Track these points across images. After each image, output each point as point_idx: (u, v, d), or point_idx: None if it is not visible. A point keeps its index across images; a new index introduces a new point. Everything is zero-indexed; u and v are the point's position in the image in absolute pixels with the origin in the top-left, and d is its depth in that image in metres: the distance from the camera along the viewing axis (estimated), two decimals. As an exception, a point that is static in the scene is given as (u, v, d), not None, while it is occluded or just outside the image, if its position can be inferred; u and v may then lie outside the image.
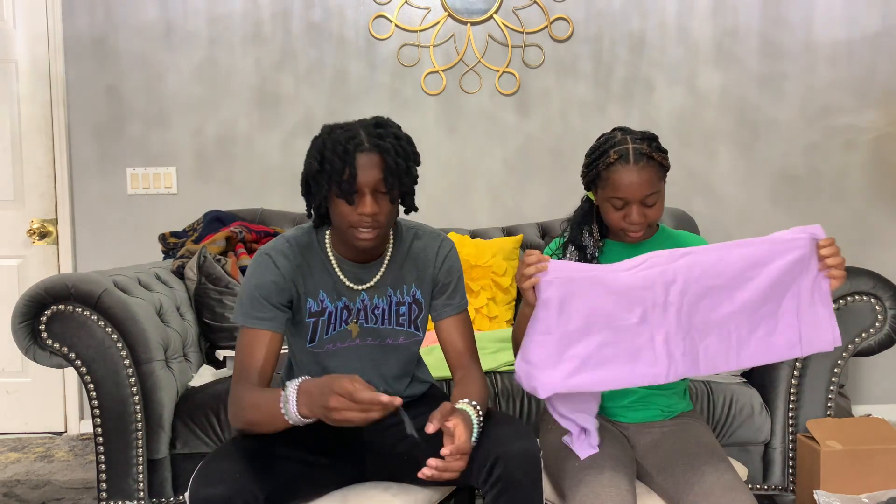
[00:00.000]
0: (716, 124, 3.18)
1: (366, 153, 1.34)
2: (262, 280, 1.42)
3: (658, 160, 1.47)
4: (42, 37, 3.06)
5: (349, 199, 1.33)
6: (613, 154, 1.46)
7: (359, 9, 3.10)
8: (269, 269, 1.42)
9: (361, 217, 1.35)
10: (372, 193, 1.34)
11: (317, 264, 1.47)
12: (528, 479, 1.33)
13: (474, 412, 1.35)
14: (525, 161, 3.16)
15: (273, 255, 1.44)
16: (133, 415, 1.93)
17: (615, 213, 1.50)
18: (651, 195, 1.46)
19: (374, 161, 1.34)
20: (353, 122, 1.40)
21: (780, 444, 2.07)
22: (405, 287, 1.51)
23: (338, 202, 1.36)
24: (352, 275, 1.48)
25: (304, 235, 1.48)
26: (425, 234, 1.56)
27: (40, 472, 2.73)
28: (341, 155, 1.32)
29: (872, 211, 3.20)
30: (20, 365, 3.10)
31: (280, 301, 1.42)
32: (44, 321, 1.91)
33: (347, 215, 1.35)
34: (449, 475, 1.25)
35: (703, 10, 3.14)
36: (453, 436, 1.25)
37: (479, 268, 2.68)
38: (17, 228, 3.13)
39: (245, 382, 1.37)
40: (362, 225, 1.36)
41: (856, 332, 2.03)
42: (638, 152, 1.45)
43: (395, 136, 1.38)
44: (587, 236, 1.59)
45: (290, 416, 1.25)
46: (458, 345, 1.54)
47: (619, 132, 1.52)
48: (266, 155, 3.12)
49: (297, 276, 1.44)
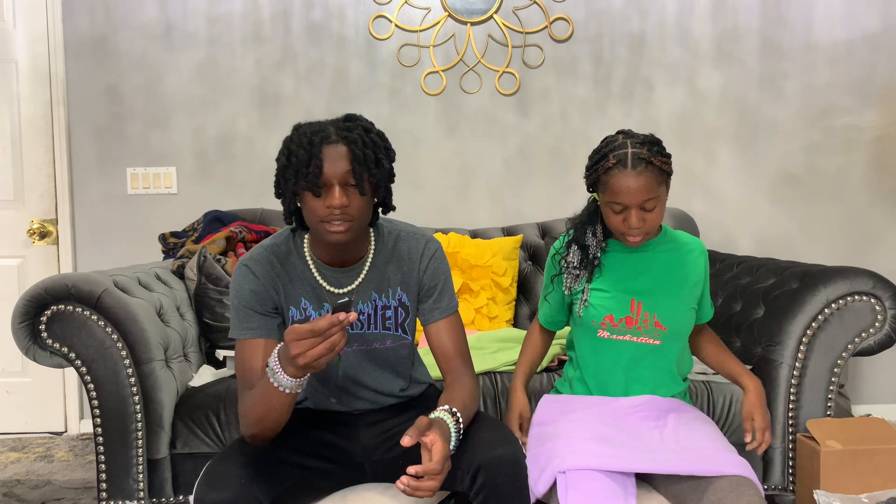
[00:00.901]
0: (716, 124, 3.18)
1: (332, 145, 1.32)
2: (242, 290, 1.41)
3: (658, 165, 1.47)
4: (42, 37, 3.06)
5: (315, 191, 1.30)
6: (612, 158, 1.47)
7: (359, 9, 3.10)
8: (247, 278, 1.42)
9: (330, 210, 1.32)
10: (341, 185, 1.32)
11: (296, 271, 1.45)
12: (511, 487, 1.31)
13: (452, 420, 1.32)
14: (525, 161, 3.17)
15: (250, 264, 1.43)
16: (133, 415, 1.93)
17: (615, 216, 1.51)
18: (650, 200, 1.46)
19: (340, 152, 1.32)
20: (326, 120, 1.39)
21: (779, 444, 2.07)
22: (390, 291, 1.49)
23: (307, 197, 1.33)
24: (332, 280, 1.45)
25: (282, 243, 1.46)
26: (409, 236, 1.52)
27: (40, 472, 2.73)
28: (307, 147, 1.31)
29: (872, 211, 3.20)
30: (20, 365, 3.10)
31: (265, 308, 1.42)
32: (44, 321, 1.91)
33: (317, 209, 1.33)
34: (422, 494, 1.22)
35: (703, 10, 3.14)
36: (430, 451, 1.22)
37: (479, 268, 2.67)
38: (17, 228, 3.13)
39: (248, 391, 1.37)
40: (332, 218, 1.32)
41: (856, 332, 2.03)
42: (636, 157, 1.45)
43: (363, 129, 1.36)
44: (591, 236, 1.60)
45: (281, 384, 1.22)
46: (448, 349, 1.50)
47: (622, 136, 1.52)
48: (266, 155, 3.12)
49: (277, 283, 1.43)
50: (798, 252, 3.13)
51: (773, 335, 2.08)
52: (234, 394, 2.00)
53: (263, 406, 1.28)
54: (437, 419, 1.30)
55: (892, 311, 2.02)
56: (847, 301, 2.02)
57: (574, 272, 1.60)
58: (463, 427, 1.34)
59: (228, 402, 1.99)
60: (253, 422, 1.32)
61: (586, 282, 1.59)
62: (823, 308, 2.03)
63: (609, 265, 1.60)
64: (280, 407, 1.27)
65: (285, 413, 1.29)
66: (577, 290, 1.60)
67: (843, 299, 2.02)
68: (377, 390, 1.53)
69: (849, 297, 2.02)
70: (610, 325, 1.57)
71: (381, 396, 1.54)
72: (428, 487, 1.22)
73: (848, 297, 2.02)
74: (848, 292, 2.02)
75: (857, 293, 2.02)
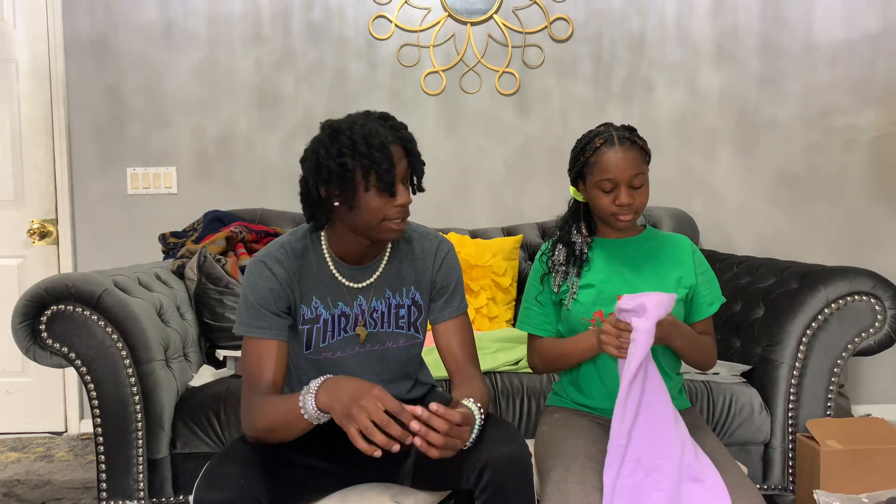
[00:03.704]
0: (716, 124, 3.18)
1: (394, 145, 1.36)
2: (258, 288, 1.40)
3: (640, 144, 1.56)
4: (42, 37, 3.07)
5: (391, 191, 1.34)
6: (598, 140, 1.56)
7: (359, 9, 3.10)
8: (266, 276, 1.41)
9: (398, 209, 1.36)
10: (403, 184, 1.38)
11: (312, 269, 1.45)
12: (516, 485, 1.31)
13: (477, 411, 1.34)
14: (525, 161, 3.17)
15: (268, 261, 1.42)
16: (133, 415, 1.93)
17: (604, 197, 1.55)
18: (638, 175, 1.53)
19: (400, 152, 1.37)
20: (354, 115, 1.40)
21: (779, 444, 2.07)
22: (404, 289, 1.50)
23: (368, 198, 1.34)
24: (349, 276, 1.47)
25: (298, 241, 1.46)
26: (422, 236, 1.55)
27: (40, 472, 2.73)
28: (379, 148, 1.32)
29: (872, 211, 3.21)
30: (20, 365, 3.10)
31: (279, 308, 1.41)
32: (44, 321, 1.91)
33: (382, 209, 1.35)
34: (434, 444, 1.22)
35: (703, 10, 3.14)
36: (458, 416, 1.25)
37: (479, 268, 2.68)
38: (17, 228, 3.13)
39: (256, 392, 1.36)
40: (397, 216, 1.37)
41: (855, 332, 2.03)
42: (621, 136, 1.55)
43: (404, 128, 1.41)
44: (576, 233, 1.64)
45: (306, 408, 1.25)
46: (457, 349, 1.52)
47: (601, 126, 1.61)
48: (266, 155, 3.12)
49: (293, 281, 1.43)
50: (798, 252, 3.13)
51: (773, 335, 2.08)
52: (235, 394, 2.00)
53: (281, 421, 1.30)
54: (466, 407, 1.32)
55: (892, 311, 2.02)
56: (847, 301, 2.02)
57: (561, 269, 1.62)
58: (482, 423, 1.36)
59: (228, 402, 1.99)
60: (262, 428, 1.33)
61: (575, 277, 1.60)
62: (823, 308, 2.03)
63: (595, 262, 1.62)
64: (296, 428, 1.29)
65: (297, 434, 1.31)
66: (564, 288, 1.61)
67: (843, 299, 2.02)
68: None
69: (849, 297, 2.02)
70: (599, 320, 1.57)
71: None
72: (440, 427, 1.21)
73: (848, 297, 2.02)
74: (848, 292, 2.02)
75: (857, 293, 2.02)
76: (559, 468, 1.41)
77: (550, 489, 1.37)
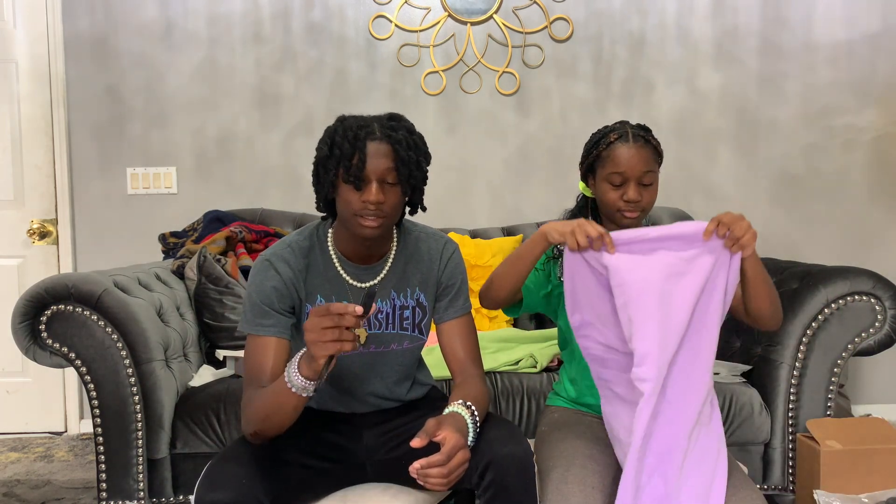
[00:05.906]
0: (716, 124, 3.18)
1: (376, 141, 1.35)
2: (264, 286, 1.41)
3: (654, 144, 1.57)
4: (42, 37, 3.07)
5: (356, 185, 1.33)
6: (613, 135, 1.55)
7: (359, 9, 3.10)
8: (270, 275, 1.42)
9: (366, 204, 1.34)
10: (379, 182, 1.35)
11: (317, 266, 1.45)
12: (519, 484, 1.31)
13: (468, 412, 1.33)
14: (525, 161, 3.17)
15: (273, 260, 1.43)
16: (133, 415, 1.93)
17: (613, 192, 1.54)
18: (648, 173, 1.53)
19: (383, 150, 1.35)
20: (368, 115, 1.41)
21: (779, 444, 2.07)
22: (409, 290, 1.50)
23: (344, 188, 1.35)
24: (354, 275, 1.47)
25: (304, 239, 1.47)
26: (428, 237, 1.55)
27: (40, 471, 2.73)
28: (352, 140, 1.33)
29: (872, 211, 3.21)
30: (20, 365, 3.10)
31: (283, 307, 1.42)
32: (44, 321, 1.91)
33: (353, 202, 1.35)
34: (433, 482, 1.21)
35: (703, 10, 3.14)
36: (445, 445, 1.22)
37: (479, 268, 2.68)
38: (17, 228, 3.13)
39: (255, 388, 1.37)
40: (367, 213, 1.35)
41: (856, 332, 2.03)
42: (636, 134, 1.55)
43: (407, 130, 1.39)
44: None
45: (291, 380, 1.23)
46: (460, 350, 1.52)
47: (617, 123, 1.61)
48: (266, 155, 3.12)
49: (299, 280, 1.44)
50: (798, 252, 3.13)
51: (773, 335, 2.08)
52: (235, 394, 2.01)
53: (272, 404, 1.29)
54: (450, 413, 1.31)
55: (892, 311, 2.02)
56: (847, 301, 2.02)
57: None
58: (479, 421, 1.35)
59: (228, 402, 1.99)
60: (257, 419, 1.33)
61: None
62: (823, 308, 2.03)
63: None
64: (287, 408, 1.28)
65: (290, 416, 1.30)
66: None
67: (843, 299, 2.02)
68: (385, 396, 1.54)
69: (849, 297, 2.02)
70: None
71: (387, 401, 1.55)
72: (437, 475, 1.21)
73: (848, 297, 2.02)
74: (848, 292, 2.02)
75: (857, 293, 2.02)
76: (559, 468, 1.41)
77: (550, 489, 1.37)
